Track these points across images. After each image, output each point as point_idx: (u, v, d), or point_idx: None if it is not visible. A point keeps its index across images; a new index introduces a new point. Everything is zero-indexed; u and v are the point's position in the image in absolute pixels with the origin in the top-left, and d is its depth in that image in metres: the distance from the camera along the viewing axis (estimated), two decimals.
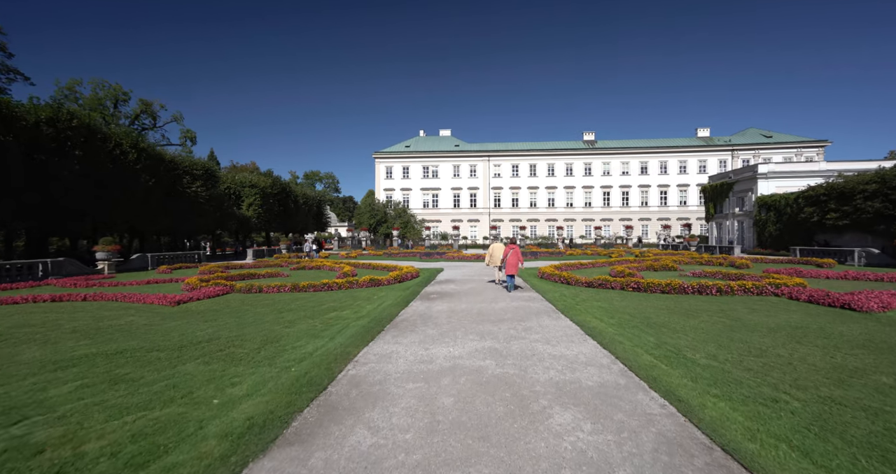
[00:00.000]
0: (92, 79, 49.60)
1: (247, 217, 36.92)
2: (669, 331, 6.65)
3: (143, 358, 5.25)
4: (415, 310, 8.97)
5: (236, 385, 4.22)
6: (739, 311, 8.27)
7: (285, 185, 43.45)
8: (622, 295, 10.92)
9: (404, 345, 5.85)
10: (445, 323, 7.48)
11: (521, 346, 5.72)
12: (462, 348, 5.66)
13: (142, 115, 54.15)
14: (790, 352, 5.26)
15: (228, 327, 7.23)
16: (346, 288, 13.05)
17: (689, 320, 7.49)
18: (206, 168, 29.07)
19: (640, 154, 64.20)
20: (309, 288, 12.57)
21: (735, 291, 10.38)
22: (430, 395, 3.94)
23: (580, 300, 10.11)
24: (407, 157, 66.06)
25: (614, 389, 4.04)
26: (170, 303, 9.89)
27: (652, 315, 8.06)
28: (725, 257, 23.18)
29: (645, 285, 11.39)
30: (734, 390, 3.97)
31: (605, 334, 6.34)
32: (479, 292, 11.74)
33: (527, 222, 63.74)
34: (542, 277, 15.06)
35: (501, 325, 7.20)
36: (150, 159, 23.33)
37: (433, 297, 10.84)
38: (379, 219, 52.90)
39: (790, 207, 28.77)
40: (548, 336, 6.34)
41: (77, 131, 18.68)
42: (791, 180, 31.63)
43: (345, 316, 8.30)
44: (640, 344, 5.78)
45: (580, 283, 12.94)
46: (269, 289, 12.27)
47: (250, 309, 9.31)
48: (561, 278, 13.88)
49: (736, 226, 36.14)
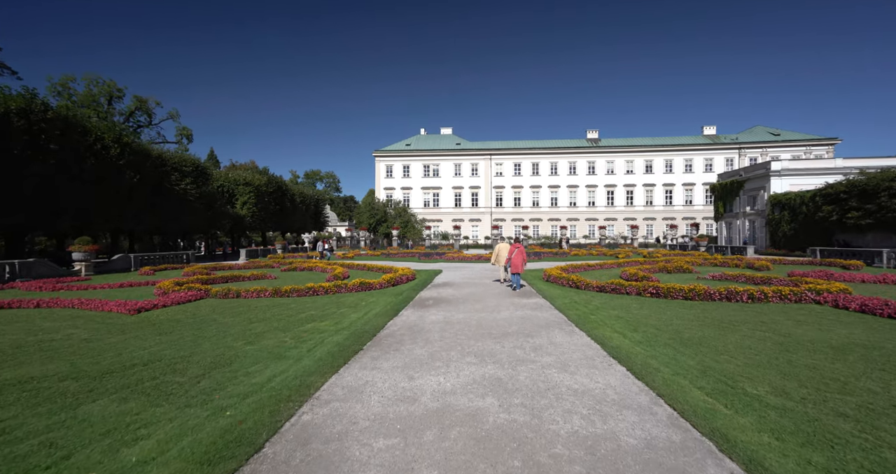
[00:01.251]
0: (85, 75, 48.53)
1: (241, 216, 35.83)
2: (710, 350, 5.45)
3: (45, 392, 4.08)
4: (405, 320, 7.79)
5: (140, 440, 3.04)
6: (783, 323, 7.05)
7: (281, 184, 42.36)
8: (640, 301, 9.70)
9: (384, 372, 4.66)
10: (438, 338, 6.29)
11: (532, 375, 4.51)
12: (456, 377, 4.46)
13: (136, 112, 53.07)
14: (884, 387, 4.05)
15: (180, 343, 6.07)
16: (334, 292, 11.88)
17: (729, 335, 6.28)
18: (196, 165, 27.95)
19: (644, 152, 62.84)
20: (292, 292, 11.40)
21: (769, 298, 9.15)
22: (404, 464, 2.75)
23: (594, 308, 8.91)
24: (407, 156, 64.86)
25: (669, 454, 2.83)
26: (129, 311, 8.73)
27: (681, 327, 6.85)
28: (740, 258, 21.92)
29: (665, 290, 10.17)
30: (844, 454, 2.77)
31: (634, 356, 5.13)
32: (479, 298, 10.54)
33: (529, 222, 62.48)
34: (549, 280, 13.86)
35: (505, 342, 6.01)
36: (135, 155, 22.21)
37: (428, 304, 9.65)
38: (379, 218, 51.74)
39: (806, 206, 27.45)
40: (563, 358, 5.14)
41: (52, 124, 17.56)
42: (806, 178, 30.30)
43: (322, 328, 7.12)
44: (681, 370, 4.57)
45: (591, 288, 11.74)
46: (247, 293, 11.10)
47: (218, 318, 8.14)
48: (569, 281, 12.68)
49: (747, 226, 34.82)
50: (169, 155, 26.19)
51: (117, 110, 52.09)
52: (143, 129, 55.16)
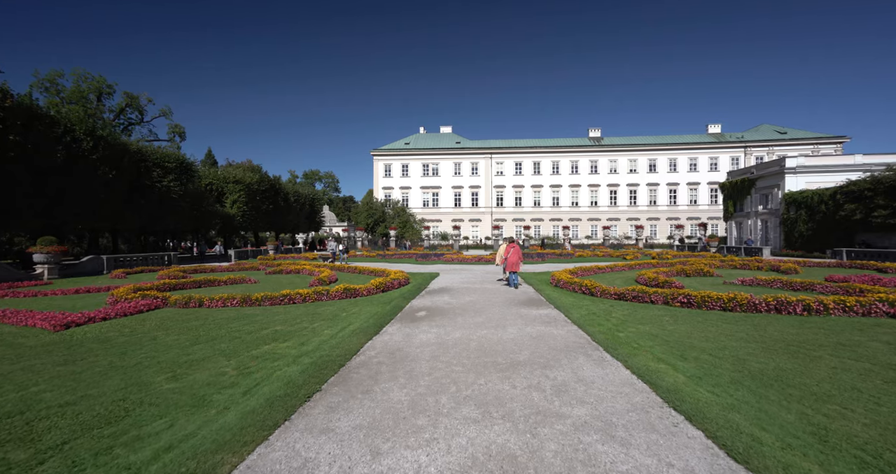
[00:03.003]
0: (74, 69, 47.01)
1: (231, 215, 34.28)
2: (804, 393, 3.89)
3: None
4: (387, 341, 6.23)
5: None
6: (871, 347, 5.50)
7: (274, 182, 40.80)
8: (671, 313, 8.16)
9: (337, 440, 3.09)
10: (426, 371, 4.73)
11: (563, 447, 2.94)
12: (446, 452, 2.89)
13: (127, 108, 51.55)
14: None
15: (81, 378, 4.52)
16: (313, 300, 10.33)
17: (812, 366, 4.73)
18: (180, 161, 26.36)
19: (648, 151, 61.36)
20: (264, 301, 9.85)
21: (830, 310, 7.61)
22: None
23: (618, 322, 7.36)
24: (406, 155, 63.33)
25: None
26: (55, 326, 7.17)
27: (742, 353, 5.30)
28: (759, 260, 20.39)
29: (699, 299, 8.62)
30: None
31: (705, 407, 3.57)
32: (480, 308, 8.98)
33: (530, 222, 60.97)
34: (558, 286, 12.32)
35: (516, 378, 4.46)
36: (110, 148, 20.65)
37: (419, 317, 8.09)
38: (377, 218, 50.19)
39: (825, 204, 25.91)
40: (603, 411, 3.57)
41: (12, 113, 16.02)
42: (823, 175, 28.74)
43: (280, 352, 5.58)
44: (787, 435, 3.02)
45: (608, 295, 10.19)
46: (212, 302, 9.55)
47: (160, 336, 6.59)
48: (582, 287, 11.13)
49: (759, 226, 33.27)
50: (150, 150, 24.63)
51: (107, 107, 50.54)
52: (135, 127, 53.76)
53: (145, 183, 23.63)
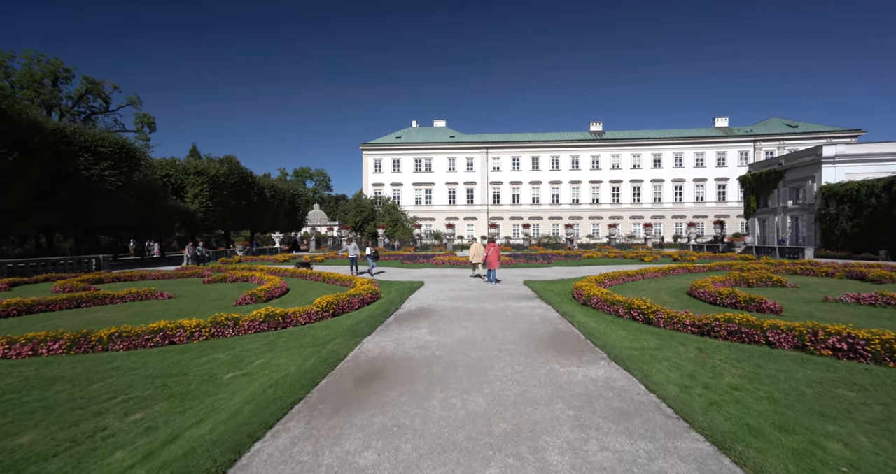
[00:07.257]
0: (25, 51, 42.37)
1: (191, 211, 30.05)
2: None
3: None
4: None
5: None
6: None
7: (246, 175, 36.53)
8: (824, 367, 4.31)
9: None
10: None
11: None
12: None
13: (88, 95, 46.95)
14: None
15: None
16: (206, 337, 6.36)
17: None
18: (119, 146, 22.10)
19: (652, 145, 57.96)
20: (117, 340, 5.87)
21: None
22: None
23: (752, 399, 3.46)
24: (398, 149, 59.27)
25: None
26: None
27: None
28: (813, 263, 16.63)
29: (873, 348, 4.77)
30: None
31: None
32: (478, 359, 5.05)
33: (529, 220, 57.20)
34: (589, 304, 8.47)
35: None
36: (12, 125, 16.43)
37: (364, 390, 4.13)
38: (365, 216, 46.03)
39: (877, 197, 22.35)
40: None
41: None
42: (869, 165, 25.22)
43: None
44: None
45: (682, 327, 6.34)
46: (20, 347, 5.55)
47: None
48: (631, 310, 7.29)
49: (788, 223, 29.74)
50: (76, 131, 20.33)
51: (64, 93, 45.96)
52: (98, 116, 49.23)
53: (69, 171, 19.39)
